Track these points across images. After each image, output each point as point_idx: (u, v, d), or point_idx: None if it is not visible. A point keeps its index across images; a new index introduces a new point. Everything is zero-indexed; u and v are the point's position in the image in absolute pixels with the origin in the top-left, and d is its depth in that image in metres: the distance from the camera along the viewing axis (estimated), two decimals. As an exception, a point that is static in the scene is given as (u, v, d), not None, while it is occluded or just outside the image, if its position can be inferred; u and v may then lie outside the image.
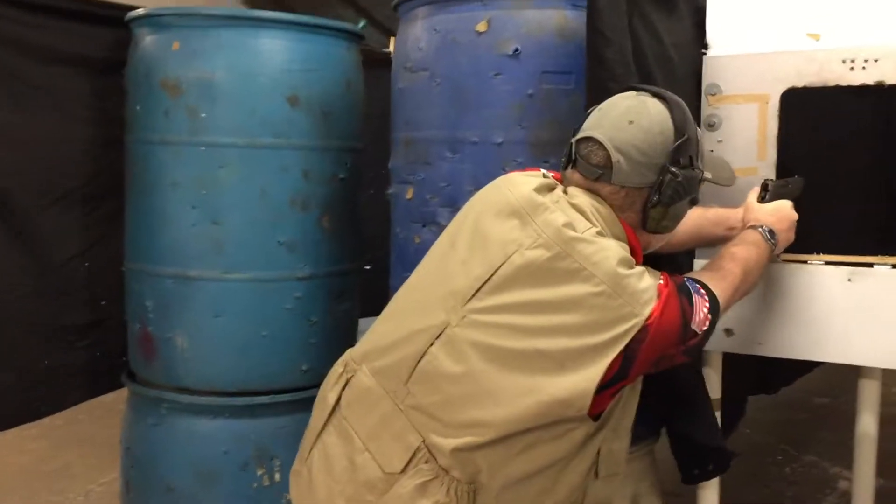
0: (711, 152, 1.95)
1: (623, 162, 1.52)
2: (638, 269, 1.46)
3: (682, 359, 1.52)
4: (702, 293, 1.52)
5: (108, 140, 2.85)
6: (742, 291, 1.66)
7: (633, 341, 1.41)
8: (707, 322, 1.50)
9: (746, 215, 1.82)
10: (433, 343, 1.49)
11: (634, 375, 1.48)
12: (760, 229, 1.75)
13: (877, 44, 1.84)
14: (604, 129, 1.55)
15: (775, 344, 1.96)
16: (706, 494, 2.14)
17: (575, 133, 1.60)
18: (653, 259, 1.64)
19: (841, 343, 1.89)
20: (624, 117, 1.55)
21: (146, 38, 2.67)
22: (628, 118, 1.54)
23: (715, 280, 1.58)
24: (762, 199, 1.84)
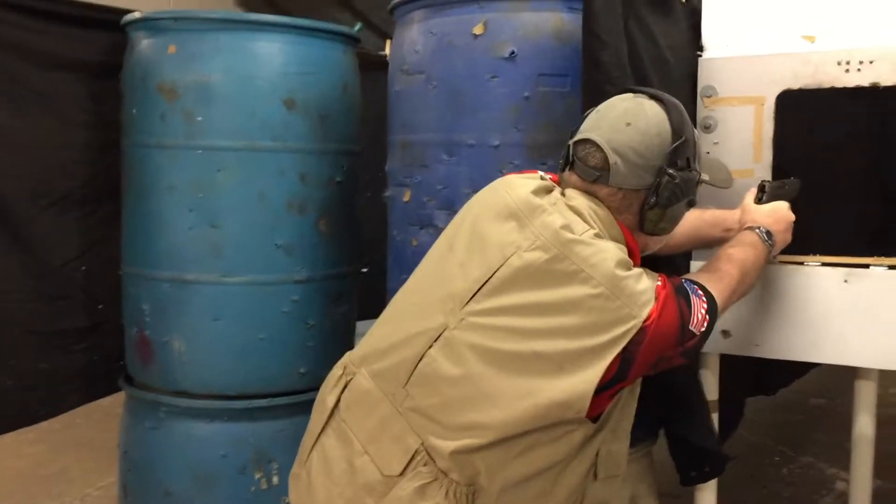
0: (708, 154, 1.96)
1: (620, 164, 1.53)
2: (636, 271, 1.46)
3: (681, 360, 1.52)
4: (699, 294, 1.52)
5: (105, 144, 2.85)
6: (740, 292, 1.67)
7: (632, 343, 1.41)
8: (705, 323, 1.50)
9: (743, 217, 1.82)
10: (432, 345, 1.49)
11: (633, 377, 1.48)
12: (757, 230, 1.75)
13: (872, 46, 1.85)
14: (601, 131, 1.55)
15: (772, 345, 1.96)
16: (704, 496, 2.14)
17: (572, 135, 1.61)
18: (651, 261, 1.64)
19: (838, 344, 1.89)
20: (621, 119, 1.55)
21: (142, 42, 2.67)
22: (625, 120, 1.54)
23: (712, 281, 1.59)
24: (759, 201, 1.85)
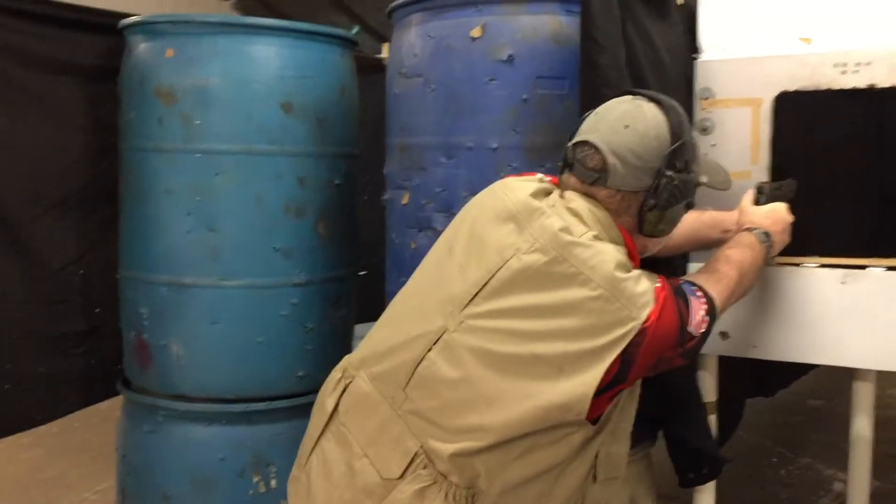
0: (705, 156, 1.96)
1: (619, 166, 1.53)
2: (635, 273, 1.47)
3: (680, 361, 1.52)
4: (698, 296, 1.52)
5: (103, 147, 2.85)
6: (738, 294, 1.67)
7: (631, 345, 1.41)
8: (704, 324, 1.50)
9: (741, 218, 1.83)
10: (431, 348, 1.49)
11: (633, 379, 1.48)
12: (755, 232, 1.75)
13: (868, 47, 1.85)
14: (600, 133, 1.55)
15: (770, 347, 1.96)
16: (702, 497, 2.14)
17: (571, 137, 1.61)
18: (649, 262, 1.65)
19: (835, 345, 1.89)
20: (620, 121, 1.55)
21: (140, 46, 2.66)
22: (624, 122, 1.55)
23: (711, 282, 1.59)
24: (757, 202, 1.85)
